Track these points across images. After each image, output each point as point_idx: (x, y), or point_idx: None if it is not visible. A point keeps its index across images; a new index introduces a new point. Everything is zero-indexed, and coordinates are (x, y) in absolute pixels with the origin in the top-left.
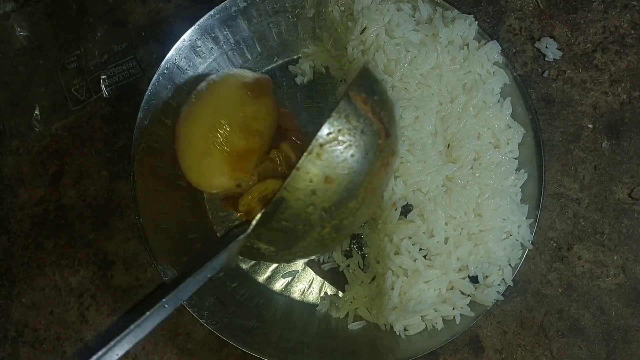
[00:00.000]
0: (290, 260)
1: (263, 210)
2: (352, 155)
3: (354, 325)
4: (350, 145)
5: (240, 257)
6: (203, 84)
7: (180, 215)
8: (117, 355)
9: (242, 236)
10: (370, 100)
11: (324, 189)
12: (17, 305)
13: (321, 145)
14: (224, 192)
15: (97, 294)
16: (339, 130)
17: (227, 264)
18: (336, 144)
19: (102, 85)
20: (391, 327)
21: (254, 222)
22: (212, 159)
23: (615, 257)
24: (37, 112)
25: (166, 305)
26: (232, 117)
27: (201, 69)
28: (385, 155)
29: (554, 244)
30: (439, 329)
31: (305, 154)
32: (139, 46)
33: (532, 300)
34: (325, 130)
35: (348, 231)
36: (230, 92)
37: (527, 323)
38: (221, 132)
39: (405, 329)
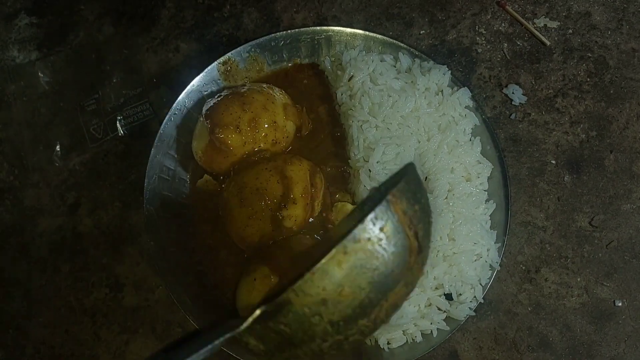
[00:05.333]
0: None
1: (263, 309)
2: (375, 269)
3: None
4: (377, 258)
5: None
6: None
7: (185, 241)
8: None
9: (229, 334)
10: (410, 210)
11: (337, 301)
12: (35, 324)
13: (345, 252)
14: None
15: (109, 313)
16: (369, 240)
17: (210, 355)
18: (362, 255)
19: (118, 125)
20: (376, 341)
21: (250, 320)
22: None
23: (579, 279)
24: (57, 148)
25: None
26: (270, 113)
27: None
28: (412, 274)
29: (523, 267)
30: (418, 341)
31: (325, 258)
32: (151, 91)
33: (505, 318)
34: (354, 236)
35: (349, 350)
36: (276, 97)
37: (500, 339)
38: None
39: (388, 343)
